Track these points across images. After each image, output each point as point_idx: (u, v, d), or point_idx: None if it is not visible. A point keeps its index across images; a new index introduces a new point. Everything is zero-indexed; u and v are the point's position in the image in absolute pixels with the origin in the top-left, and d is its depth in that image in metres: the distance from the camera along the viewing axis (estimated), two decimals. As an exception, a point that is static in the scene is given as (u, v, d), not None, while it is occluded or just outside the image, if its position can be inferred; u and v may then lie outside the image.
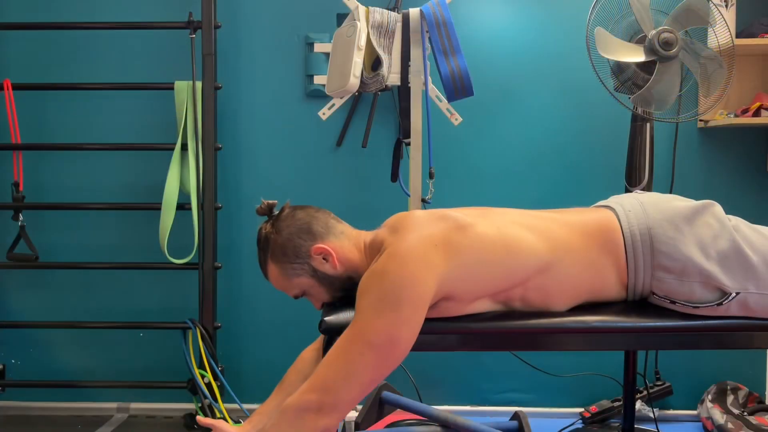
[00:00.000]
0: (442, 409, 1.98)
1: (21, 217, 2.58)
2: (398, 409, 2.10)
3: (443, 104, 2.37)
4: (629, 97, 2.18)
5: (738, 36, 2.51)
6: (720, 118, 2.52)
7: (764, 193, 2.67)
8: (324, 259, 1.46)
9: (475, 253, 1.33)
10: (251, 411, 2.64)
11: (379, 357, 1.27)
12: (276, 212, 1.55)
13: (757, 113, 2.48)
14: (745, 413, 2.45)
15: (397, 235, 1.37)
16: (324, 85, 2.45)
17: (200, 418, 1.51)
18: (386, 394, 2.09)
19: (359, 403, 1.37)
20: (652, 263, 1.37)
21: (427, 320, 1.35)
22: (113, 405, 2.74)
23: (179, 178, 2.57)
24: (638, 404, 2.56)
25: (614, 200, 1.52)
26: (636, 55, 2.12)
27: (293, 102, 2.71)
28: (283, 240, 1.48)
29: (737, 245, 1.35)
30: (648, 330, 1.34)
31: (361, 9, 2.13)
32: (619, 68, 2.21)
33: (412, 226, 1.38)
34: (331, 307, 1.47)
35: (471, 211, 1.44)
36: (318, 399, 1.28)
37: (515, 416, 1.94)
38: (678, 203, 1.43)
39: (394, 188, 2.42)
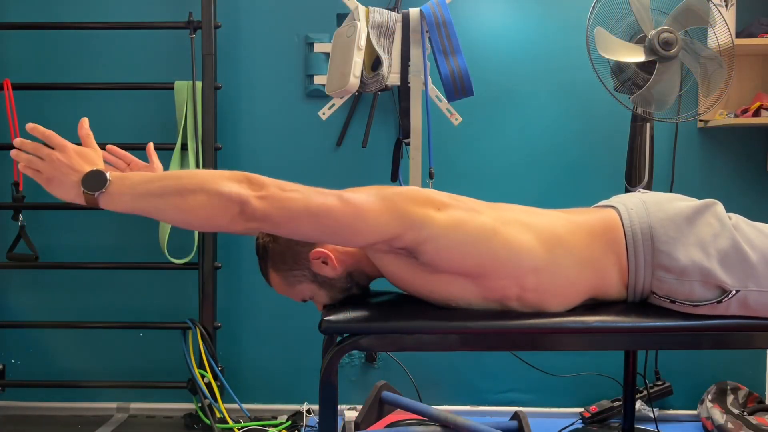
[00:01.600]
0: (442, 409, 1.98)
1: (21, 217, 2.58)
2: (398, 409, 2.10)
3: (443, 104, 2.37)
4: (629, 97, 2.18)
5: (738, 36, 2.51)
6: (720, 118, 2.52)
7: (764, 193, 2.67)
8: (323, 262, 1.46)
9: (470, 234, 1.34)
10: (251, 411, 2.65)
11: (339, 210, 1.27)
12: None
13: (757, 113, 2.48)
14: (745, 413, 2.45)
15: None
16: (324, 85, 2.45)
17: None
18: (386, 394, 2.09)
19: (359, 402, 1.36)
20: (652, 263, 1.37)
21: (427, 320, 1.35)
22: (113, 405, 2.74)
23: (179, 177, 2.56)
24: (638, 404, 2.56)
25: (617, 199, 1.52)
26: (636, 55, 2.12)
27: (293, 102, 2.71)
28: (282, 248, 1.48)
29: (737, 244, 1.35)
30: (648, 330, 1.34)
31: (361, 9, 2.13)
32: (619, 68, 2.21)
33: (425, 189, 1.41)
34: (332, 307, 1.47)
35: (483, 203, 1.44)
36: (268, 182, 1.26)
37: (515, 416, 1.95)
38: (680, 203, 1.43)
39: (394, 188, 2.42)
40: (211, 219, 1.24)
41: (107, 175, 1.25)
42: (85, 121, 1.37)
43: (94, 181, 1.24)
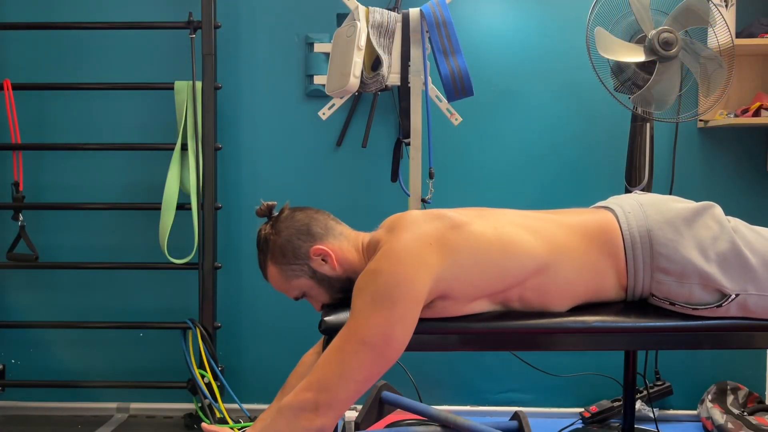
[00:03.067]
0: (442, 409, 1.98)
1: (21, 217, 2.58)
2: (398, 409, 2.10)
3: (443, 104, 2.37)
4: (629, 97, 2.18)
5: (738, 36, 2.51)
6: (720, 118, 2.52)
7: (764, 193, 2.67)
8: (323, 260, 1.47)
9: (470, 252, 1.34)
10: (251, 411, 2.65)
11: (374, 355, 1.27)
12: (275, 213, 1.55)
13: (757, 113, 2.48)
14: (745, 413, 2.45)
15: (393, 235, 1.37)
16: (324, 85, 2.45)
17: (205, 426, 1.51)
18: (386, 394, 2.09)
19: (359, 402, 1.37)
20: (651, 265, 1.37)
21: (427, 320, 1.35)
22: (113, 405, 2.74)
23: (179, 178, 2.57)
24: (638, 404, 2.56)
25: (613, 201, 1.51)
26: (636, 55, 2.12)
27: (293, 102, 2.71)
28: (283, 241, 1.48)
29: (736, 247, 1.35)
30: (648, 330, 1.34)
31: (361, 9, 2.13)
32: (619, 68, 2.21)
33: (408, 225, 1.38)
34: (331, 308, 1.47)
35: (468, 211, 1.44)
36: (314, 398, 1.28)
37: (515, 416, 1.94)
38: (677, 205, 1.42)
39: (394, 188, 2.43)
40: None
41: None
42: (206, 426, 1.49)
43: None
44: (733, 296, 1.33)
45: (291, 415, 1.29)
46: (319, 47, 2.65)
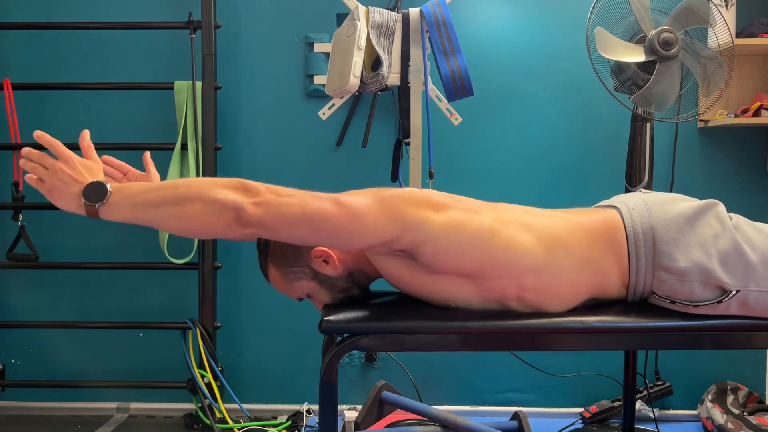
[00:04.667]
0: (442, 409, 1.98)
1: (21, 217, 2.58)
2: (398, 409, 2.10)
3: (443, 104, 2.37)
4: (629, 97, 2.18)
5: (738, 36, 2.51)
6: (720, 118, 2.52)
7: (764, 193, 2.67)
8: (324, 261, 1.46)
9: (469, 235, 1.34)
10: (251, 411, 2.65)
11: (335, 214, 1.26)
12: None
13: (757, 113, 2.48)
14: (745, 413, 2.45)
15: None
16: (324, 85, 2.45)
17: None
18: (386, 394, 2.09)
19: (358, 402, 1.36)
20: (653, 263, 1.37)
21: (427, 320, 1.35)
22: (113, 405, 2.74)
23: (179, 178, 2.57)
24: (638, 404, 2.56)
25: (618, 199, 1.52)
26: (636, 55, 2.12)
27: (293, 102, 2.71)
28: (283, 244, 1.47)
29: (737, 244, 1.35)
30: (648, 330, 1.34)
31: (361, 9, 2.13)
32: (619, 68, 2.21)
33: (423, 190, 1.41)
34: (332, 307, 1.47)
35: (482, 203, 1.44)
36: (259, 188, 1.27)
37: (515, 416, 1.95)
38: (682, 203, 1.43)
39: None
40: (207, 226, 1.25)
41: (108, 186, 1.26)
42: (86, 133, 1.39)
43: (96, 192, 1.25)
44: (734, 292, 1.33)
45: (229, 180, 1.27)
46: (319, 47, 2.66)
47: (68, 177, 1.27)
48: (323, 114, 2.38)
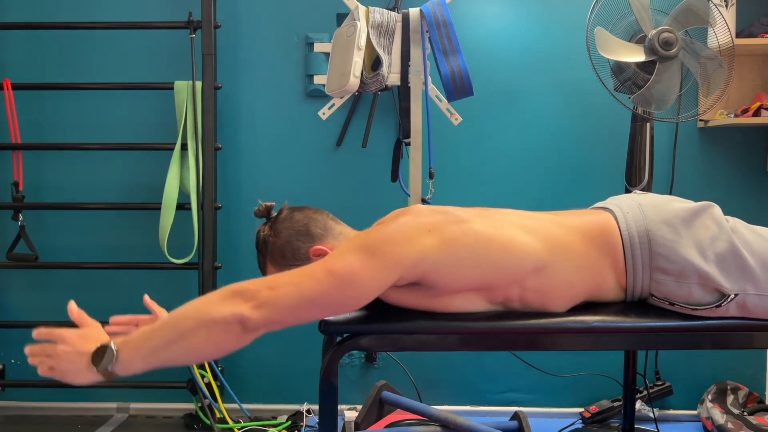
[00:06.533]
0: (442, 409, 1.99)
1: (21, 217, 2.58)
2: (398, 409, 2.10)
3: (443, 104, 2.37)
4: (629, 97, 2.18)
5: (738, 36, 2.51)
6: (720, 118, 2.52)
7: (764, 193, 2.67)
8: (323, 260, 1.46)
9: (468, 248, 1.33)
10: (251, 411, 2.65)
11: (333, 286, 1.24)
12: (274, 214, 1.55)
13: (757, 113, 2.48)
14: (745, 413, 2.45)
15: (394, 218, 1.39)
16: (324, 85, 2.45)
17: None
18: (386, 394, 2.09)
19: (358, 402, 1.36)
20: (650, 265, 1.37)
21: (427, 320, 1.35)
22: (113, 405, 2.74)
23: (179, 178, 2.57)
24: (638, 404, 2.56)
25: (612, 202, 1.51)
26: (636, 55, 2.12)
27: (293, 102, 2.71)
28: (282, 243, 1.47)
29: (734, 247, 1.35)
30: (648, 330, 1.34)
31: (361, 9, 2.13)
32: (619, 68, 2.21)
33: (410, 212, 1.39)
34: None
35: (471, 210, 1.44)
36: (256, 288, 1.24)
37: (515, 416, 1.95)
38: (676, 205, 1.43)
39: (394, 188, 2.42)
40: (219, 347, 1.24)
41: (112, 346, 1.26)
42: (72, 305, 1.39)
43: (102, 357, 1.26)
44: (732, 296, 1.33)
45: (221, 293, 1.25)
46: (319, 47, 2.66)
47: (72, 354, 1.29)
48: (323, 114, 2.38)
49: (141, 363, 1.26)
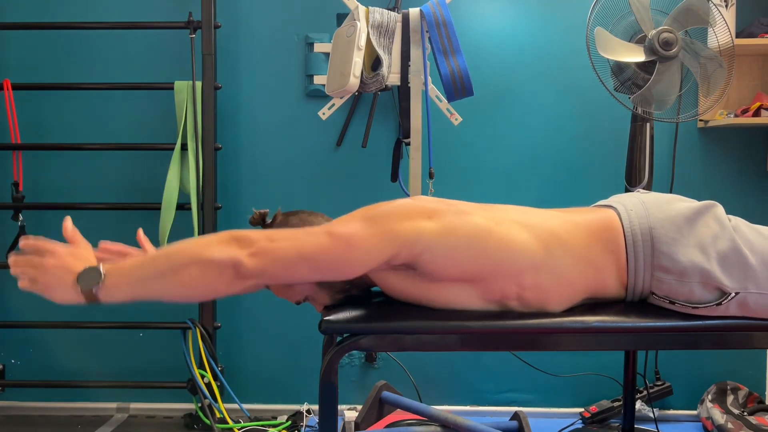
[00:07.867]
0: (442, 409, 1.98)
1: (21, 217, 2.58)
2: (398, 409, 2.10)
3: (443, 104, 2.37)
4: (629, 97, 2.18)
5: (738, 36, 2.51)
6: (720, 118, 2.52)
7: (764, 193, 2.67)
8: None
9: (467, 238, 1.34)
10: (251, 411, 2.65)
11: (330, 247, 1.26)
12: (269, 221, 1.54)
13: (757, 113, 2.48)
14: (745, 413, 2.45)
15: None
16: (324, 85, 2.45)
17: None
18: (386, 394, 2.09)
19: (358, 402, 1.36)
20: (652, 263, 1.37)
21: (427, 320, 1.35)
22: (113, 405, 2.74)
23: (179, 178, 2.57)
24: (638, 404, 2.56)
25: (616, 199, 1.52)
26: (636, 55, 2.12)
27: (293, 102, 2.71)
28: None
29: (736, 246, 1.35)
30: (648, 330, 1.34)
31: (361, 9, 2.13)
32: (619, 68, 2.21)
33: (415, 198, 1.41)
34: (332, 308, 1.47)
35: (475, 205, 1.45)
36: (255, 237, 1.24)
37: (515, 416, 1.95)
38: (680, 204, 1.43)
39: (394, 188, 2.43)
40: (209, 288, 1.24)
41: (101, 268, 1.24)
42: (68, 220, 1.36)
43: (89, 278, 1.24)
44: (733, 294, 1.33)
45: (220, 236, 1.25)
46: (319, 47, 2.66)
47: (58, 269, 1.25)
48: (323, 114, 2.38)
49: (127, 291, 1.24)
